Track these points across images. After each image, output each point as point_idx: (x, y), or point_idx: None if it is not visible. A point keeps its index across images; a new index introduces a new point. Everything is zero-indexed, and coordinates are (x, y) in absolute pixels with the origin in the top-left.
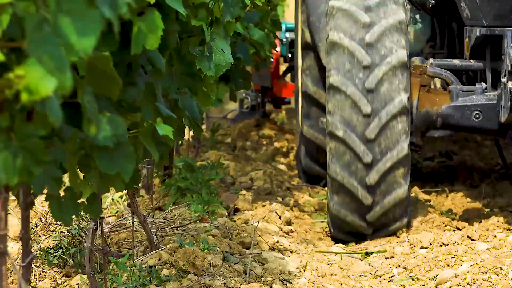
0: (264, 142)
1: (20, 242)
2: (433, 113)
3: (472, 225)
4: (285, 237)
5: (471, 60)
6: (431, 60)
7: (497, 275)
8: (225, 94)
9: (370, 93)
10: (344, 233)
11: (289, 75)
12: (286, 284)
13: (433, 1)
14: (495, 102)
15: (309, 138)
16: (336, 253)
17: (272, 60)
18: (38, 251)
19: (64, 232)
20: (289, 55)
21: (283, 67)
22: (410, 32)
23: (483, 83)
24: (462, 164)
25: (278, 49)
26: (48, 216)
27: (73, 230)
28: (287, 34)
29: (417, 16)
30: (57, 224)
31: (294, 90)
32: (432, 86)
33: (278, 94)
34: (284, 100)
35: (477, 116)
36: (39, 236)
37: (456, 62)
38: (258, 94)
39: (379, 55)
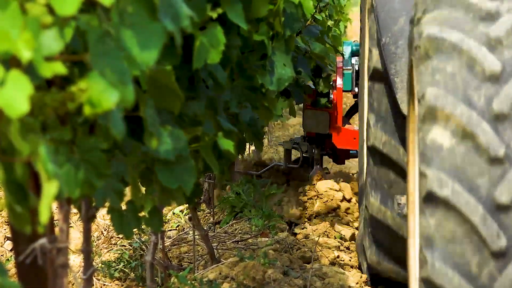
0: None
1: (82, 255)
2: None
3: None
4: (346, 252)
5: None
6: None
7: None
8: (284, 109)
9: (499, 123)
10: None
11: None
12: None
13: None
14: None
15: (378, 217)
16: None
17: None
18: (100, 264)
19: (125, 246)
20: (356, 90)
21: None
22: None
23: None
24: None
25: (339, 82)
26: (109, 229)
27: (135, 244)
28: (354, 60)
29: None
30: (119, 238)
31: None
32: None
33: (340, 145)
34: (350, 152)
35: None
36: (101, 249)
37: None
38: (313, 145)
39: None
